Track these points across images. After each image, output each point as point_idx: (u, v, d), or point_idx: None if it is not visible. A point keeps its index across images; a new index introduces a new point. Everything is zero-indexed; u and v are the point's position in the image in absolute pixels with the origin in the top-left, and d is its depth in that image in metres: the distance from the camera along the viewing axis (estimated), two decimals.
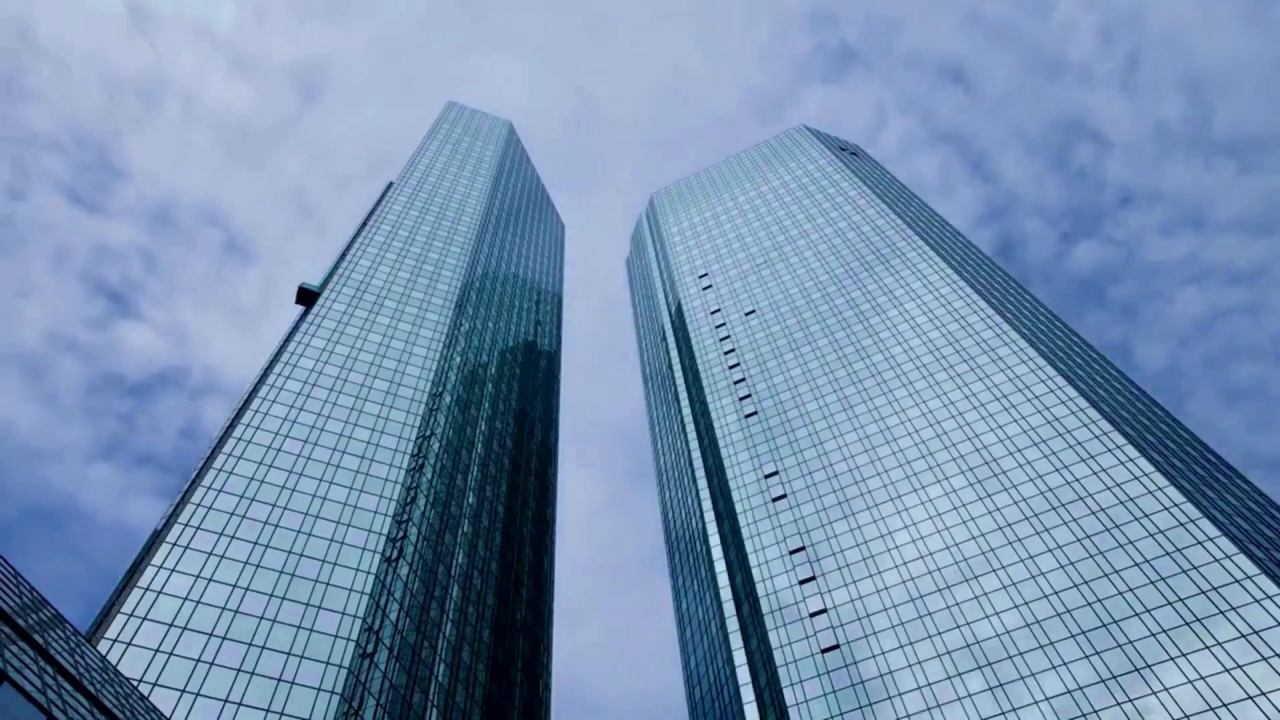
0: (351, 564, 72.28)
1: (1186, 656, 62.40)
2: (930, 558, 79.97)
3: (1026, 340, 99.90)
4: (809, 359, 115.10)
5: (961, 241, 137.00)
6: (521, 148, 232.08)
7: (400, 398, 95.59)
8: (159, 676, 56.96)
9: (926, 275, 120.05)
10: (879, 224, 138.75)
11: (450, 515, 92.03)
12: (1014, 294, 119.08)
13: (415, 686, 70.19)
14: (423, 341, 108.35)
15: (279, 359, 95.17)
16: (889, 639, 74.74)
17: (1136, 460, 78.90)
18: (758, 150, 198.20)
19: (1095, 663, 65.05)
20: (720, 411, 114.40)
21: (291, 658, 62.22)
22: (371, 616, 68.93)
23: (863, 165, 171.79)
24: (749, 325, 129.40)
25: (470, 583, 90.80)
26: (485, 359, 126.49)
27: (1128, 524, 73.75)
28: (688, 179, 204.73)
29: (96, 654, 36.01)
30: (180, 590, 63.84)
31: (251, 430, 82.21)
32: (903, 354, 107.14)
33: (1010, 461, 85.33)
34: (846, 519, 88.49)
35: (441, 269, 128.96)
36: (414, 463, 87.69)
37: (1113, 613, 67.74)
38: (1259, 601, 63.39)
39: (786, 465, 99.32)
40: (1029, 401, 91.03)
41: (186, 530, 69.12)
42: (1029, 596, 72.29)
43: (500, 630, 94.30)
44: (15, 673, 23.23)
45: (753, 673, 79.81)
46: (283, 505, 75.36)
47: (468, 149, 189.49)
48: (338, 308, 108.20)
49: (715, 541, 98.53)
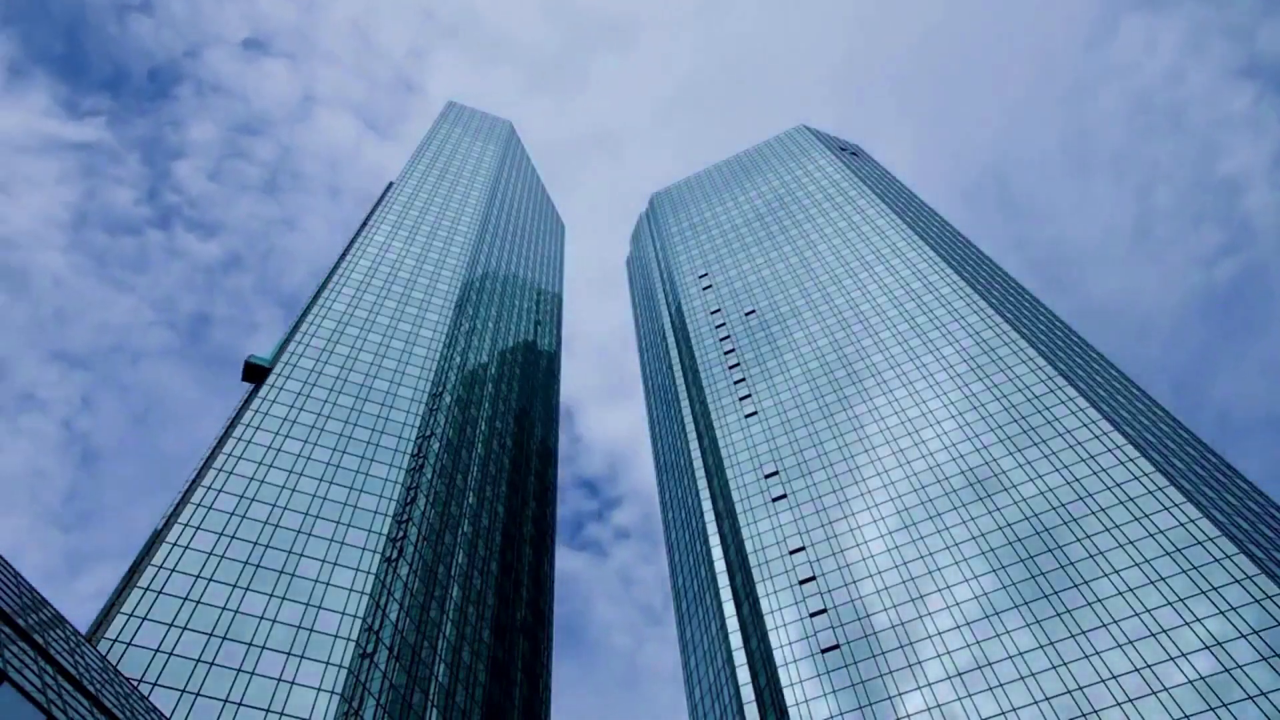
0: (351, 564, 72.28)
1: (1186, 656, 62.41)
2: (930, 558, 79.97)
3: (1026, 340, 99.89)
4: (809, 359, 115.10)
5: (961, 241, 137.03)
6: (522, 147, 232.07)
7: (400, 398, 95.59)
8: (159, 676, 56.96)
9: (927, 275, 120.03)
10: (879, 224, 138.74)
11: (450, 515, 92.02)
12: (1014, 294, 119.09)
13: (415, 686, 70.20)
14: (423, 341, 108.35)
15: (279, 358, 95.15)
16: (889, 639, 74.74)
17: (1136, 460, 78.89)
18: (758, 150, 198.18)
19: (1095, 662, 65.07)
20: (720, 411, 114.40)
21: (291, 658, 62.23)
22: (371, 616, 68.93)
23: (862, 165, 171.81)
24: (749, 325, 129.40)
25: (470, 583, 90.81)
26: (485, 359, 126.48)
27: (1128, 524, 73.75)
28: (688, 179, 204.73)
29: (96, 654, 36.00)
30: (180, 590, 63.84)
31: (251, 430, 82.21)
32: (903, 354, 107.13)
33: (1010, 461, 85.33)
34: (846, 519, 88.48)
35: (441, 269, 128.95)
36: (414, 463, 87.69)
37: (1113, 613, 67.75)
38: (1259, 601, 63.40)
39: (786, 465, 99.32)
40: (1029, 402, 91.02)
41: (186, 530, 69.13)
42: (1029, 596, 72.30)
43: (500, 630, 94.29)
44: (15, 673, 23.23)
45: (753, 673, 79.81)
46: (283, 505, 75.36)
47: (468, 149, 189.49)
48: (338, 307, 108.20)
49: (715, 542, 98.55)
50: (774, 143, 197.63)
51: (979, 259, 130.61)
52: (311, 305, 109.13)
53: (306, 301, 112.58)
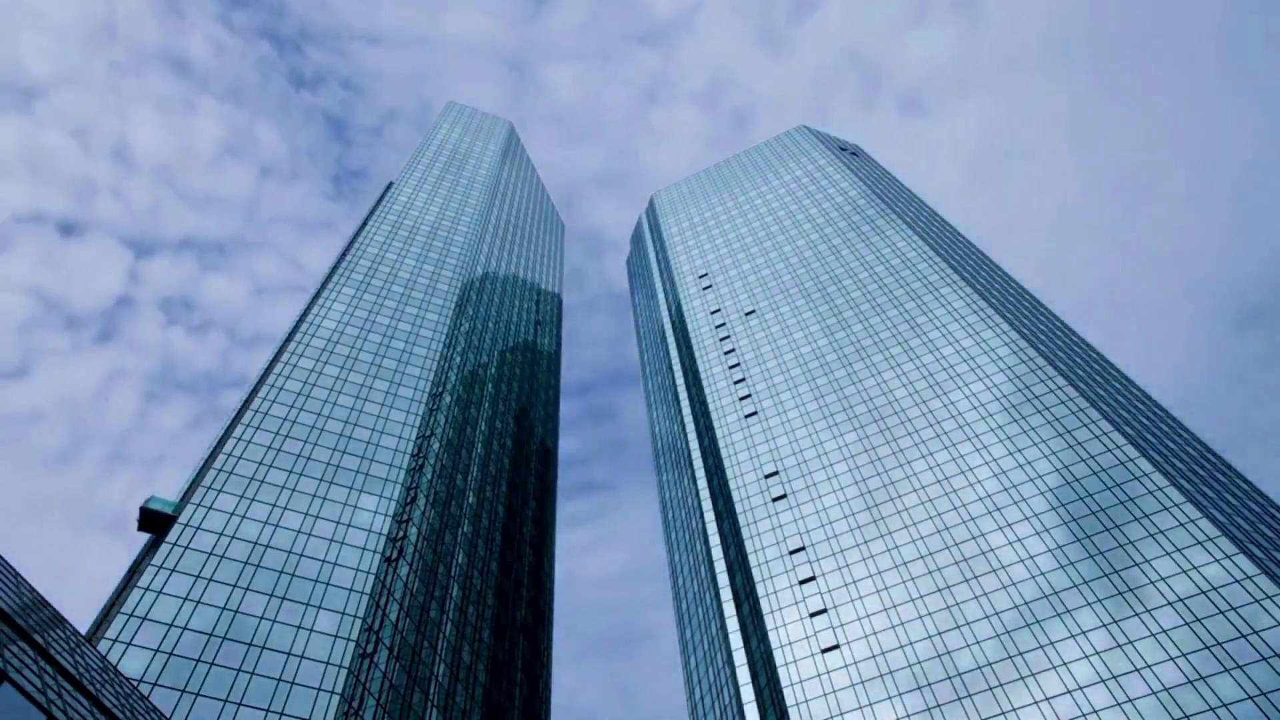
0: (351, 564, 72.30)
1: (1186, 656, 62.42)
2: (930, 558, 79.97)
3: (1026, 340, 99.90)
4: (809, 359, 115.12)
5: (962, 242, 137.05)
6: (521, 147, 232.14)
7: (400, 398, 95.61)
8: (159, 676, 56.98)
9: (926, 275, 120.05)
10: (879, 224, 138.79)
11: (450, 515, 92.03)
12: (1014, 294, 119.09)
13: (415, 686, 70.20)
14: (423, 341, 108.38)
15: (279, 359, 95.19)
16: (889, 639, 74.75)
17: (1137, 460, 78.90)
18: (758, 150, 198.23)
19: (1095, 662, 65.08)
20: (720, 411, 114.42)
21: (291, 658, 62.25)
22: (371, 616, 68.95)
23: (862, 165, 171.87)
24: (749, 325, 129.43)
25: (470, 583, 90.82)
26: (485, 359, 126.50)
27: (1128, 524, 73.75)
28: (688, 179, 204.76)
29: (96, 654, 36.02)
30: (180, 590, 63.86)
31: (251, 430, 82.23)
32: (902, 353, 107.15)
33: (1010, 461, 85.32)
34: (846, 519, 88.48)
35: (442, 269, 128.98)
36: (414, 463, 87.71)
37: (1113, 613, 67.77)
38: (1259, 601, 63.41)
39: (786, 465, 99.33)
40: (1029, 401, 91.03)
41: (187, 530, 69.13)
42: (1029, 596, 72.31)
43: (500, 630, 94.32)
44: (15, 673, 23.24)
45: (753, 673, 79.82)
46: (283, 505, 75.39)
47: (468, 149, 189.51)
48: (338, 307, 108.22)
49: (715, 541, 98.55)
50: (774, 142, 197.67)
51: (979, 260, 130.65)
52: (312, 305, 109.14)
53: (307, 301, 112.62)
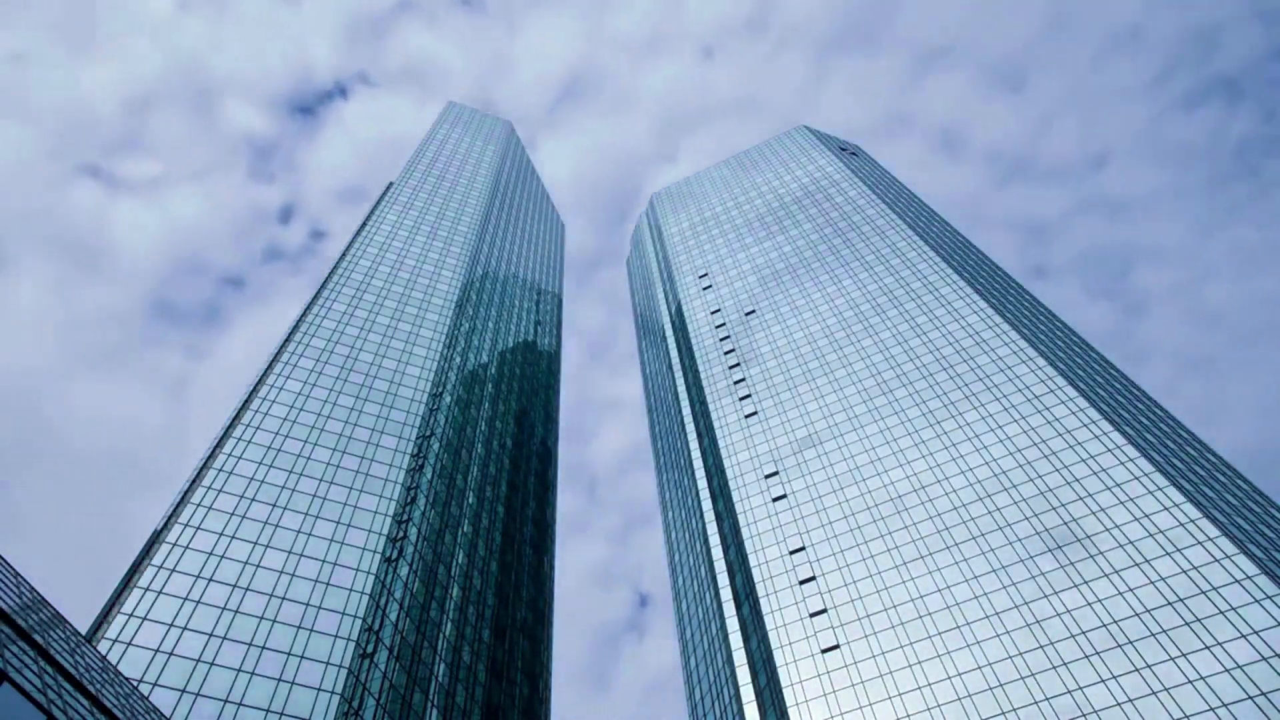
0: (351, 564, 72.29)
1: (1186, 656, 62.42)
2: (930, 558, 79.96)
3: (1026, 340, 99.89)
4: (809, 359, 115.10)
5: (960, 240, 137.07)
6: (521, 147, 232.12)
7: (400, 398, 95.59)
8: (159, 676, 56.97)
9: (926, 275, 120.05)
10: (879, 224, 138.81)
11: (450, 515, 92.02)
12: (1014, 293, 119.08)
13: (415, 686, 70.19)
14: (423, 341, 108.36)
15: (279, 359, 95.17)
16: (889, 639, 74.73)
17: (1137, 460, 78.89)
18: (757, 150, 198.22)
19: (1095, 663, 65.06)
20: (720, 411, 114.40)
21: (291, 658, 62.23)
22: (371, 616, 68.94)
23: (862, 165, 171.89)
24: (749, 325, 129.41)
25: (470, 583, 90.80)
26: (485, 359, 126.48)
27: (1128, 524, 73.75)
28: (688, 179, 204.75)
29: (96, 654, 35.99)
30: (180, 590, 63.85)
31: (251, 430, 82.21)
32: (902, 354, 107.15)
33: (1010, 461, 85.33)
34: (846, 519, 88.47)
35: (441, 269, 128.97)
36: (414, 463, 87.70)
37: (1113, 613, 67.76)
38: (1259, 601, 63.40)
39: (786, 465, 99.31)
40: (1029, 402, 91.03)
41: (186, 530, 69.13)
42: (1029, 596, 72.30)
43: (500, 630, 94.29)
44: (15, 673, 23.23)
45: (753, 673, 79.80)
46: (283, 505, 75.37)
47: (468, 149, 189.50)
48: (338, 308, 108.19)
49: (715, 542, 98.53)
50: (774, 142, 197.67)
51: (979, 258, 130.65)
52: (312, 305, 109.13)
53: (307, 301, 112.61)
